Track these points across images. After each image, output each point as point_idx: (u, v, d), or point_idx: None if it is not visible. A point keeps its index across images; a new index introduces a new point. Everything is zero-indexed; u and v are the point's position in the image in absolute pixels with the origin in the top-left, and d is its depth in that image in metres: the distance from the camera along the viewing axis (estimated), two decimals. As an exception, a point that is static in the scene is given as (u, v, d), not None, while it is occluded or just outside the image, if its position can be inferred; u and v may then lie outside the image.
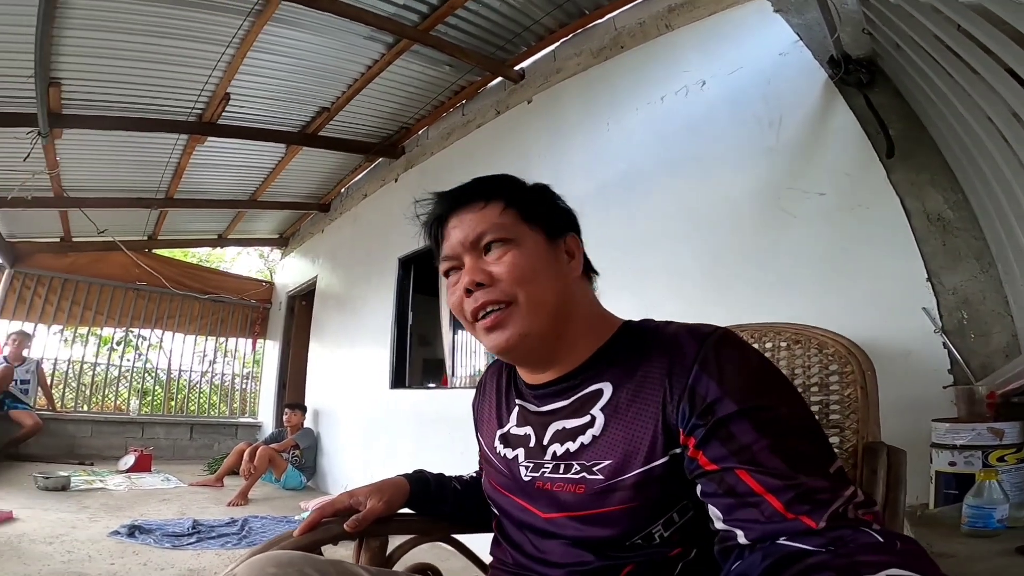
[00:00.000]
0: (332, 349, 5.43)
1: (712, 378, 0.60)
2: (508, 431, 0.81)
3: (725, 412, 0.57)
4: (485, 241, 0.71)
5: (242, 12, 2.75)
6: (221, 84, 3.35)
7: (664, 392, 0.63)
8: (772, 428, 0.56)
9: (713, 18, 2.38)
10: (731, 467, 0.55)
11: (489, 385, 0.91)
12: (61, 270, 5.98)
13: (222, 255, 10.83)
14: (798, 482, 0.52)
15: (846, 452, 0.82)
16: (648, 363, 0.66)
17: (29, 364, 5.39)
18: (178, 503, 3.84)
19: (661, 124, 2.53)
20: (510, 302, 0.69)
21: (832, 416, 0.87)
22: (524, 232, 0.72)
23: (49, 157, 3.86)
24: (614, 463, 0.65)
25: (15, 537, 2.56)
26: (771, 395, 0.59)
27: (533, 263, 0.70)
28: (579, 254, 0.77)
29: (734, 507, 0.55)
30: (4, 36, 2.67)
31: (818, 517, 0.50)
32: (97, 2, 2.58)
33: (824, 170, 1.92)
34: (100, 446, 5.72)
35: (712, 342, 0.63)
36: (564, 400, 0.73)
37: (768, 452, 0.54)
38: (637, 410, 0.65)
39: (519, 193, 0.76)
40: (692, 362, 0.61)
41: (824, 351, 0.91)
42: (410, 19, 2.94)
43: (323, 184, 5.42)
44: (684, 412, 0.60)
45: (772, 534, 0.52)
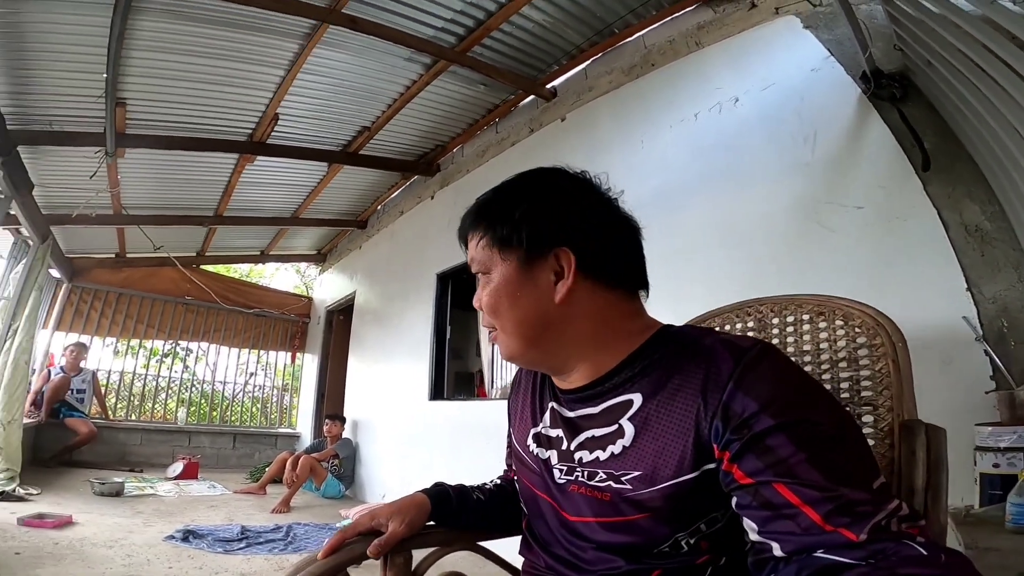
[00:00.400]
0: (370, 362, 5.56)
1: (748, 395, 0.58)
2: (541, 431, 0.80)
3: (762, 427, 0.56)
4: (474, 271, 0.76)
5: (295, 35, 2.93)
6: (271, 105, 3.53)
7: (699, 407, 0.61)
8: (811, 442, 0.54)
9: (743, 35, 2.43)
10: (767, 480, 0.54)
11: (525, 382, 0.90)
12: (116, 284, 6.31)
13: (262, 271, 11.23)
14: (838, 494, 0.51)
15: (881, 432, 0.78)
16: (682, 375, 0.64)
17: (85, 374, 5.65)
18: (225, 509, 3.97)
19: (696, 140, 2.57)
20: (492, 328, 0.75)
21: (864, 393, 0.83)
22: (497, 262, 0.72)
23: (111, 175, 4.09)
24: (642, 474, 0.64)
25: (77, 541, 2.67)
26: (810, 409, 0.57)
27: (501, 294, 0.71)
28: (570, 268, 0.70)
29: (770, 519, 0.54)
30: (79, 57, 2.84)
31: (859, 529, 0.49)
32: (163, 24, 2.74)
33: (860, 184, 1.94)
34: (149, 454, 5.96)
35: (749, 358, 0.61)
36: (593, 407, 0.72)
37: (806, 465, 0.53)
38: (668, 423, 0.64)
39: (500, 220, 0.72)
40: (727, 379, 0.60)
41: (850, 323, 0.87)
42: (448, 41, 3.08)
43: (360, 201, 5.60)
44: (718, 428, 0.59)
45: (809, 546, 0.50)
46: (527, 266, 0.70)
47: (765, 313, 1.05)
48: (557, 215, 0.72)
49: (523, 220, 0.71)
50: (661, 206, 2.63)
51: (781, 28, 2.28)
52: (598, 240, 0.72)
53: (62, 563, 2.28)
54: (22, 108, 3.20)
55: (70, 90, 3.13)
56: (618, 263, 0.73)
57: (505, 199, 0.74)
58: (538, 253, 0.70)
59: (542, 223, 0.71)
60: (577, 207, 0.73)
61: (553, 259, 0.70)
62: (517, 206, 0.72)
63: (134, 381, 6.91)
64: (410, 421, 4.50)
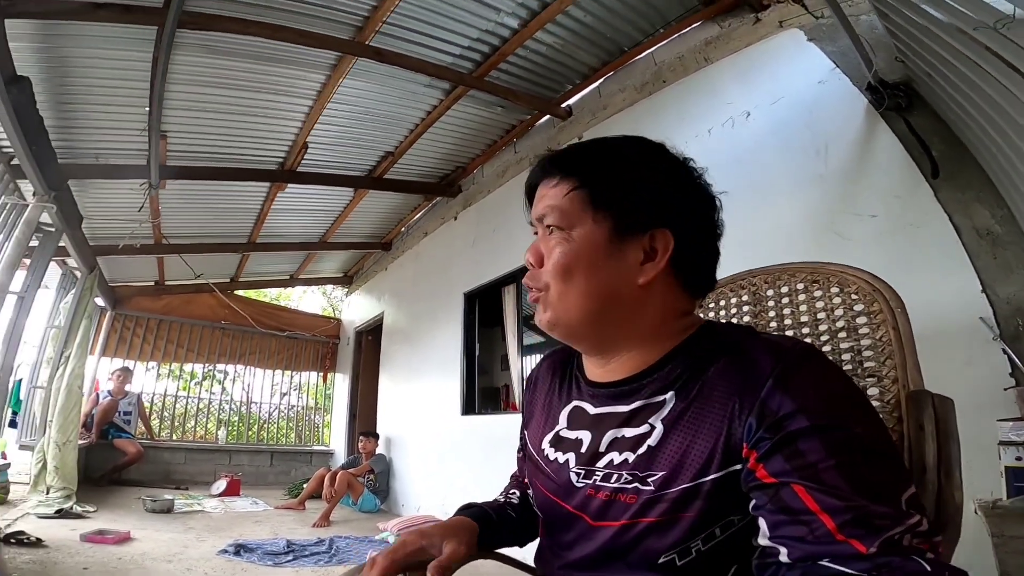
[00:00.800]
0: (401, 380, 5.68)
1: (786, 394, 0.56)
2: (558, 433, 0.76)
3: (796, 427, 0.54)
4: (546, 222, 0.69)
5: (321, 67, 3.10)
6: (301, 134, 3.70)
7: (733, 407, 0.59)
8: (843, 449, 0.52)
9: (749, 49, 2.50)
10: (789, 482, 0.52)
11: (542, 381, 0.87)
12: (156, 311, 6.59)
13: (290, 294, 11.56)
14: (859, 504, 0.49)
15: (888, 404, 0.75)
16: (719, 376, 0.62)
17: (131, 397, 5.90)
18: (268, 524, 4.10)
19: (711, 156, 2.57)
20: (544, 289, 0.68)
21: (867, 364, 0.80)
22: (585, 220, 0.66)
23: (153, 206, 4.27)
24: (665, 475, 0.62)
25: (138, 556, 2.79)
26: (848, 416, 0.55)
27: (573, 260, 0.66)
28: (663, 254, 0.65)
29: (783, 523, 0.52)
30: (122, 91, 2.98)
31: (870, 542, 0.48)
32: (200, 59, 2.88)
33: (874, 193, 1.99)
34: (193, 472, 6.19)
35: (792, 358, 0.59)
36: (623, 405, 0.69)
37: (834, 471, 0.51)
38: (699, 423, 0.61)
39: (601, 172, 0.68)
40: (766, 378, 0.58)
41: (846, 289, 0.84)
42: (466, 67, 3.22)
43: (385, 224, 5.78)
44: (751, 426, 0.57)
45: (816, 555, 0.49)
46: (619, 236, 0.66)
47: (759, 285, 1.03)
48: (666, 194, 0.67)
49: (631, 186, 0.66)
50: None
51: (786, 41, 2.34)
52: (698, 235, 0.69)
53: None
54: (70, 143, 3.37)
55: (114, 124, 3.29)
56: (705, 266, 0.71)
57: (612, 157, 0.69)
58: (636, 227, 0.65)
59: (650, 196, 0.66)
60: (685, 193, 0.69)
61: (648, 238, 0.65)
62: (626, 169, 0.68)
63: (176, 403, 7.18)
64: (442, 436, 4.59)
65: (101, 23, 2.42)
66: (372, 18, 2.73)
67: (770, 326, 1.05)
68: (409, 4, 2.67)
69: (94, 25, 2.45)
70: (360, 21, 2.78)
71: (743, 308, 1.11)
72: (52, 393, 4.28)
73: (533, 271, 0.70)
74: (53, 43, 2.56)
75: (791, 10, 2.35)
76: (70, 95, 2.96)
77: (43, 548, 2.66)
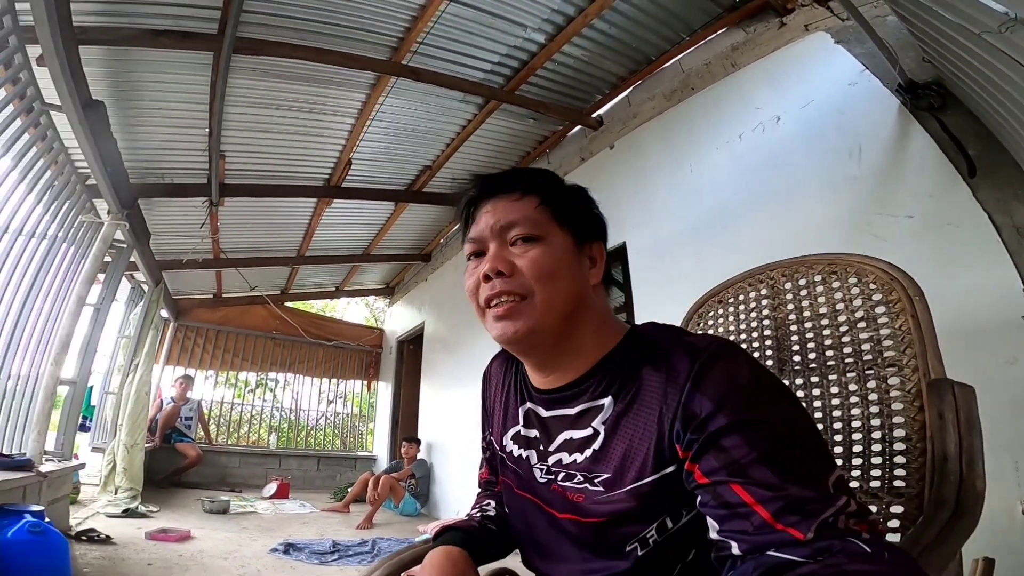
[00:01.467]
0: (442, 388, 5.79)
1: (704, 394, 0.59)
2: (519, 431, 0.81)
3: (717, 426, 0.57)
4: (514, 233, 0.71)
5: (362, 87, 3.27)
6: (344, 151, 3.87)
7: (660, 409, 0.63)
8: (764, 441, 0.55)
9: (776, 54, 2.49)
10: (723, 480, 0.56)
11: (496, 378, 0.91)
12: (214, 322, 6.97)
13: (335, 305, 11.97)
14: (786, 493, 0.52)
15: (909, 394, 0.76)
16: (646, 379, 0.66)
17: (192, 403, 6.20)
18: (315, 526, 4.23)
19: (743, 161, 2.61)
20: (526, 296, 0.69)
21: (887, 353, 0.80)
22: (554, 231, 0.72)
23: (213, 223, 4.58)
24: (611, 476, 0.66)
25: (197, 553, 2.91)
26: (764, 407, 0.58)
27: (556, 264, 0.70)
28: (601, 262, 0.76)
29: (727, 518, 0.55)
30: (184, 113, 3.19)
31: (805, 528, 0.50)
32: (253, 81, 3.05)
33: (909, 193, 1.95)
34: (246, 475, 6.45)
35: (705, 358, 0.62)
36: (570, 408, 0.73)
37: (758, 464, 0.54)
38: (634, 426, 0.65)
39: (557, 191, 0.75)
40: (685, 380, 0.61)
41: (863, 279, 0.84)
42: (497, 82, 3.33)
43: (424, 236, 5.95)
44: (679, 430, 0.61)
45: (761, 545, 0.52)
46: (577, 246, 0.74)
47: (777, 279, 1.04)
48: (597, 214, 0.79)
49: (575, 205, 0.76)
50: (716, 227, 2.66)
51: (813, 44, 2.32)
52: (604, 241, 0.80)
53: (188, 573, 2.53)
54: (139, 163, 3.59)
55: (178, 145, 3.51)
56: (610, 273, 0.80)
57: (553, 180, 0.77)
58: (585, 239, 0.75)
59: (590, 215, 0.78)
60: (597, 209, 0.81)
61: (589, 248, 0.75)
62: (573, 193, 0.78)
63: (232, 410, 7.57)
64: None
65: (163, 49, 2.62)
66: (406, 39, 2.87)
67: (789, 319, 1.07)
68: (439, 25, 2.79)
69: (157, 51, 2.65)
70: (395, 42, 2.93)
71: (762, 302, 1.14)
72: (122, 399, 4.55)
73: (503, 280, 0.70)
74: (122, 68, 2.75)
75: (816, 13, 2.34)
76: (138, 118, 3.17)
77: (112, 545, 2.81)
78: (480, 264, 0.72)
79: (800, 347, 1.03)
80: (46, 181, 2.66)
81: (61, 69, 2.12)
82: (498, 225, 0.72)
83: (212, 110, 3.11)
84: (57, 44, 1.99)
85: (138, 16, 2.46)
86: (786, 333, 1.06)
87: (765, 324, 1.12)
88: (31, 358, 2.74)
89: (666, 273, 2.83)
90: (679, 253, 2.83)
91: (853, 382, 0.92)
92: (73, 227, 3.03)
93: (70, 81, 2.21)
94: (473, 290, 0.73)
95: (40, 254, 2.67)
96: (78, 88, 2.32)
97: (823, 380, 0.97)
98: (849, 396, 0.92)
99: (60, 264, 2.91)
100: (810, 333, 1.02)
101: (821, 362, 0.99)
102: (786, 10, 2.45)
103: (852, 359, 0.93)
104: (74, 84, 2.26)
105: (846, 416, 0.91)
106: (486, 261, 0.71)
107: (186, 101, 3.10)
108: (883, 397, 0.85)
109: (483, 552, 0.81)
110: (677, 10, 2.78)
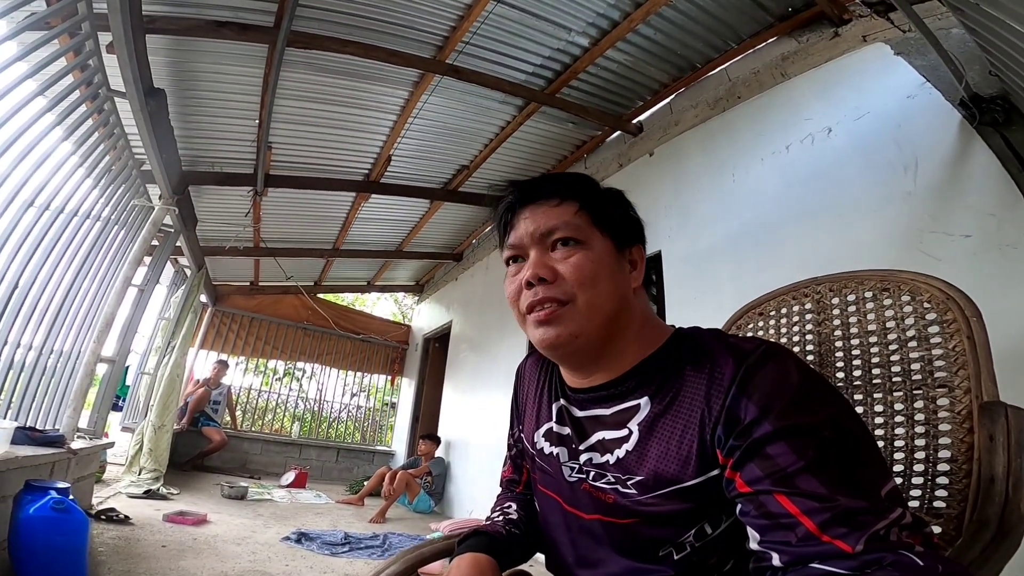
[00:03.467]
0: (465, 388, 5.81)
1: (750, 399, 0.57)
2: (551, 428, 0.80)
3: (761, 433, 0.55)
4: (555, 237, 0.71)
5: (405, 84, 3.31)
6: (385, 147, 3.93)
7: (702, 413, 0.61)
8: (812, 449, 0.53)
9: (830, 65, 2.43)
10: (767, 489, 0.54)
11: (530, 376, 0.90)
12: (249, 309, 7.14)
13: (365, 299, 12.16)
14: (836, 503, 0.50)
15: (959, 416, 0.74)
16: (687, 381, 0.65)
17: (221, 388, 6.37)
18: (329, 517, 4.29)
19: (789, 173, 2.55)
20: (568, 301, 0.68)
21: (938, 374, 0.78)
22: (594, 236, 0.71)
23: (256, 212, 4.70)
24: (644, 479, 0.65)
25: (212, 537, 2.97)
26: (813, 413, 0.55)
27: (598, 268, 0.69)
28: (642, 265, 0.76)
29: (769, 528, 0.53)
30: (239, 105, 3.27)
31: (854, 540, 0.48)
32: (303, 75, 3.11)
33: (967, 211, 1.88)
34: (266, 463, 6.59)
35: (752, 362, 0.60)
36: (606, 408, 0.72)
37: (806, 474, 0.52)
38: (672, 428, 0.64)
39: (595, 196, 0.74)
40: (730, 383, 0.60)
41: (918, 298, 0.82)
42: (538, 84, 3.34)
43: (457, 235, 6.00)
44: (720, 435, 0.59)
45: (805, 557, 0.50)
46: (618, 250, 0.73)
47: (824, 293, 1.01)
48: (631, 217, 0.78)
49: (614, 209, 0.76)
50: (756, 240, 2.61)
51: (870, 56, 2.26)
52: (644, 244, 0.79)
53: (200, 556, 2.57)
54: (191, 151, 3.68)
55: (229, 135, 3.60)
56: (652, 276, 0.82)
57: (590, 185, 0.76)
58: (624, 243, 0.74)
59: (629, 219, 0.77)
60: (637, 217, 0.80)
61: (629, 252, 0.75)
62: (610, 197, 0.77)
63: (258, 397, 7.74)
64: (501, 443, 4.63)
65: (222, 40, 2.70)
66: (451, 38, 2.91)
67: (834, 334, 1.04)
68: (485, 25, 2.82)
69: (216, 42, 2.73)
70: (441, 41, 2.97)
71: (806, 316, 1.11)
72: (156, 380, 4.67)
73: (545, 286, 0.69)
74: (183, 58, 2.84)
75: (875, 24, 2.27)
76: (193, 107, 3.26)
77: (129, 525, 2.89)
78: (521, 270, 0.72)
79: (845, 364, 1.00)
80: (104, 165, 2.74)
81: (128, 56, 2.20)
82: (538, 232, 0.71)
83: (263, 102, 3.20)
84: (127, 31, 2.07)
85: (202, 7, 2.55)
86: (830, 349, 1.03)
87: (808, 339, 1.09)
88: (75, 335, 2.82)
89: (703, 284, 2.78)
90: (717, 264, 2.78)
91: (899, 401, 0.89)
92: (126, 210, 3.12)
93: (135, 68, 2.29)
94: (514, 296, 0.73)
95: (93, 235, 2.75)
96: (142, 75, 2.40)
97: (867, 398, 0.95)
98: (894, 415, 0.89)
99: (111, 245, 2.99)
100: (856, 350, 0.99)
101: (867, 380, 0.96)
102: (842, 21, 2.39)
103: (900, 378, 0.90)
104: (139, 71, 2.34)
105: (889, 435, 0.89)
106: (527, 267, 0.71)
107: (239, 92, 3.18)
108: (930, 418, 0.83)
109: (508, 558, 0.81)
110: (726, 18, 2.75)
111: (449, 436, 5.78)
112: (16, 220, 2.12)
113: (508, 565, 0.81)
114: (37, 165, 2.17)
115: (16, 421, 2.22)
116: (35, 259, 2.29)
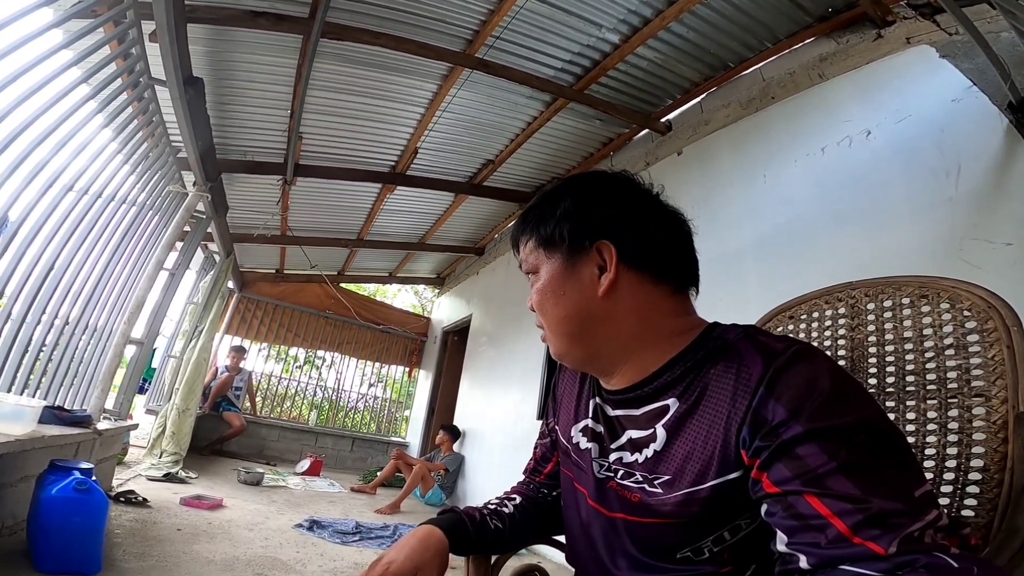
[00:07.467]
0: (482, 381, 5.85)
1: (778, 401, 0.56)
2: (588, 424, 0.81)
3: (791, 434, 0.54)
4: (525, 272, 0.78)
5: (434, 77, 3.33)
6: (412, 139, 3.95)
7: (728, 412, 0.60)
8: (844, 451, 0.52)
9: (870, 66, 2.37)
10: (796, 490, 0.52)
11: (570, 372, 0.92)
12: (274, 297, 7.26)
13: (386, 290, 12.28)
14: (869, 504, 0.49)
15: (994, 425, 0.73)
16: (713, 379, 0.64)
17: (243, 374, 6.48)
18: (342, 505, 4.35)
19: (823, 176, 2.50)
20: (542, 327, 0.76)
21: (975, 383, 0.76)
22: (543, 260, 0.74)
23: (284, 201, 4.76)
24: (669, 479, 0.65)
25: (226, 522, 3.02)
26: (846, 415, 0.54)
27: (544, 295, 0.73)
28: (611, 259, 0.69)
29: (798, 530, 0.52)
30: (272, 95, 3.30)
31: (887, 542, 0.47)
32: (334, 66, 3.12)
33: (1010, 219, 1.82)
34: (282, 449, 6.70)
35: (781, 362, 0.59)
36: (636, 409, 0.72)
37: (838, 475, 0.51)
38: (698, 429, 0.63)
39: (543, 220, 0.74)
40: (757, 384, 0.58)
41: (957, 305, 0.80)
42: (567, 80, 3.32)
43: (479, 229, 6.01)
44: (746, 437, 0.58)
45: (835, 559, 0.49)
46: (570, 262, 0.71)
47: (859, 298, 0.99)
48: (596, 209, 0.72)
49: (564, 217, 0.72)
50: (786, 243, 2.57)
51: (914, 58, 2.20)
52: (640, 231, 0.71)
53: (213, 541, 2.61)
54: (225, 140, 3.73)
55: (262, 124, 3.64)
56: (662, 254, 0.72)
57: (548, 201, 0.75)
58: (580, 247, 0.71)
59: (582, 217, 0.71)
60: (616, 201, 0.73)
61: (595, 253, 0.70)
62: (558, 205, 0.73)
63: (279, 384, 7.88)
64: (516, 438, 4.66)
65: (259, 30, 2.74)
66: (481, 32, 2.91)
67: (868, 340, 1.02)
68: (516, 19, 2.81)
69: (253, 32, 2.76)
70: (471, 34, 2.97)
71: (839, 321, 1.09)
72: (182, 364, 4.78)
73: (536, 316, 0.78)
74: (220, 47, 2.87)
75: (919, 27, 2.21)
76: (228, 96, 3.31)
77: (147, 508, 2.93)
78: None
79: (878, 370, 0.98)
80: (142, 152, 2.80)
81: (170, 44, 2.24)
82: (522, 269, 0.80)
83: (296, 92, 3.23)
84: (169, 20, 2.12)
85: (240, -3, 2.58)
86: (863, 355, 1.01)
87: (840, 344, 1.07)
88: (107, 315, 2.88)
89: (730, 287, 2.74)
90: (746, 267, 2.74)
91: (933, 409, 0.87)
92: (160, 196, 3.19)
93: (176, 57, 2.33)
94: None
95: (128, 219, 2.81)
96: (183, 64, 2.44)
97: (900, 405, 0.93)
98: (927, 423, 0.87)
99: (144, 230, 3.06)
100: (891, 357, 0.97)
101: (900, 387, 0.94)
102: (885, 22, 2.33)
103: (935, 386, 0.88)
104: (179, 60, 2.38)
105: (920, 443, 0.87)
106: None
107: (273, 83, 3.22)
108: (964, 426, 0.81)
109: (468, 544, 0.82)
110: (763, 18, 2.70)
111: (464, 429, 5.82)
112: (55, 203, 2.17)
113: (468, 551, 0.83)
114: (78, 151, 2.22)
115: (44, 400, 2.24)
116: (72, 241, 2.35)
